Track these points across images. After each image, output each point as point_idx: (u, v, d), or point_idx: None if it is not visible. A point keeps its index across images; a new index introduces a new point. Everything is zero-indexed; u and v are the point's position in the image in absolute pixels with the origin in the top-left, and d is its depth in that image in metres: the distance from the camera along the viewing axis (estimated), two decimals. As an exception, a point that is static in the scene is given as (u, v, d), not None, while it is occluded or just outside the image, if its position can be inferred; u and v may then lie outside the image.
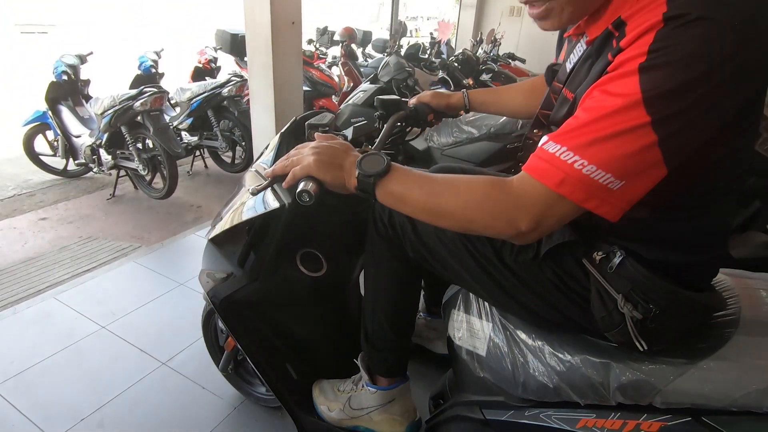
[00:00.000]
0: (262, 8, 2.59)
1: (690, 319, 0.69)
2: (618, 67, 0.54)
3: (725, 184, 0.63)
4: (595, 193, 0.55)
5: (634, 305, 0.66)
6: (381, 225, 0.92)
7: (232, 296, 1.06)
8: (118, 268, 2.31)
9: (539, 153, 0.59)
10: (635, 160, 0.53)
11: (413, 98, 1.17)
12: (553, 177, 0.56)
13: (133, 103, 2.93)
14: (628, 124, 0.52)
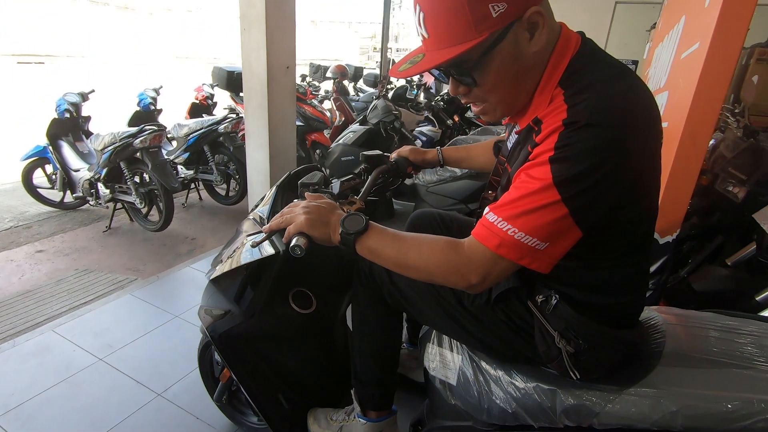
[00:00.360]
0: (258, 54, 2.78)
1: (615, 352, 0.81)
2: (536, 157, 0.70)
3: (634, 239, 0.77)
4: (526, 253, 0.70)
5: (567, 341, 0.79)
6: (363, 275, 1.07)
7: (230, 332, 1.16)
8: (115, 300, 2.39)
9: (483, 221, 0.74)
10: (554, 227, 0.68)
11: (394, 153, 1.32)
12: (492, 241, 0.71)
13: (133, 141, 3.07)
14: (545, 201, 0.67)
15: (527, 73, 0.75)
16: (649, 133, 0.70)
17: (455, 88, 0.81)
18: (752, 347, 0.82)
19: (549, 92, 0.74)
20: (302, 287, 1.17)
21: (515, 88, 0.77)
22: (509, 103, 0.79)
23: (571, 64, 0.73)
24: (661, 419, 0.74)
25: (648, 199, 0.76)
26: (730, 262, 2.09)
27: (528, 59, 0.74)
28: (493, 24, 0.68)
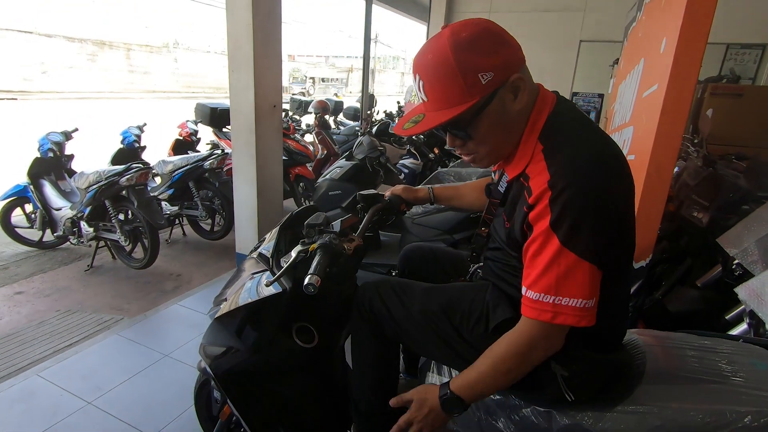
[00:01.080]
0: (246, 94, 2.88)
1: (604, 374, 0.89)
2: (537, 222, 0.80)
3: (618, 271, 0.86)
4: (584, 314, 0.79)
5: (562, 366, 0.86)
6: (364, 310, 1.11)
7: (234, 368, 1.19)
8: (102, 341, 2.35)
9: (529, 301, 0.82)
10: (590, 279, 0.78)
11: (388, 192, 1.41)
12: (546, 316, 0.80)
13: (119, 179, 3.08)
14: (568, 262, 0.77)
15: (512, 127, 0.88)
16: (621, 177, 0.82)
17: (452, 142, 0.93)
18: (724, 364, 0.91)
19: (531, 145, 0.86)
20: (305, 322, 1.22)
21: (502, 141, 0.90)
22: (497, 153, 0.92)
23: (548, 121, 0.86)
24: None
25: (629, 233, 0.86)
26: (699, 283, 2.22)
27: (512, 116, 0.87)
28: (482, 89, 0.82)
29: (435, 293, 1.06)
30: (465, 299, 1.01)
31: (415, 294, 1.07)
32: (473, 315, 0.98)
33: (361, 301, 1.13)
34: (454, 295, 1.04)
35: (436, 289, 1.08)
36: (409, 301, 1.06)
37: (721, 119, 3.65)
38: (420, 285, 1.11)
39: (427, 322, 1.02)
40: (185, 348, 2.31)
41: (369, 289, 1.12)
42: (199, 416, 1.62)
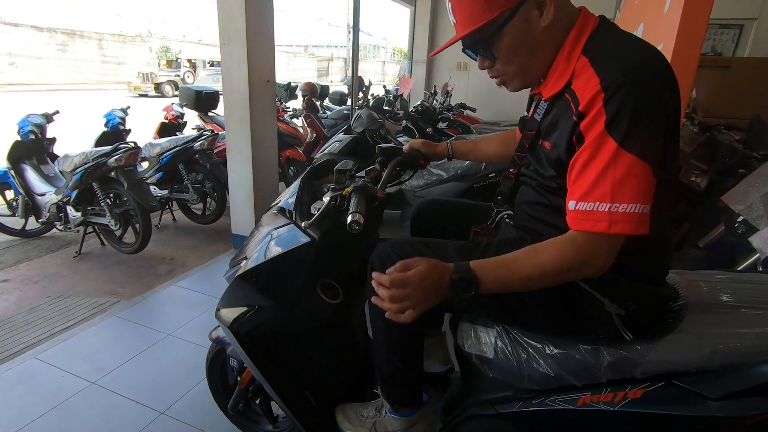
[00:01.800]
0: (239, 69, 2.79)
1: (657, 308, 0.88)
2: (591, 131, 0.76)
3: (665, 202, 0.84)
4: (640, 221, 0.75)
5: (617, 305, 0.84)
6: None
7: (258, 327, 1.15)
8: (100, 323, 2.27)
9: (579, 216, 0.78)
10: (645, 183, 0.74)
11: (407, 145, 1.37)
12: (602, 225, 0.75)
13: (107, 160, 2.96)
14: (627, 164, 0.74)
15: (539, 47, 0.86)
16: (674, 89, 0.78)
17: (481, 63, 0.93)
18: (757, 293, 0.91)
19: (573, 60, 0.83)
20: (329, 278, 1.18)
21: (529, 61, 0.88)
22: (525, 73, 0.90)
23: (593, 36, 0.83)
24: (700, 360, 0.80)
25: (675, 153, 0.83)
26: (701, 244, 2.26)
27: (539, 34, 0.85)
28: (503, 4, 0.82)
29: (474, 251, 0.97)
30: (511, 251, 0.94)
31: (450, 255, 0.97)
32: None
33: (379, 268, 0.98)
34: (497, 251, 0.94)
35: (473, 247, 0.99)
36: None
37: (709, 92, 3.70)
38: (449, 243, 1.02)
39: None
40: (188, 327, 2.24)
41: (387, 254, 1.00)
42: (212, 388, 1.57)
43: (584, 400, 0.89)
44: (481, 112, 5.74)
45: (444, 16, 6.69)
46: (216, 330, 1.46)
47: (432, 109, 4.11)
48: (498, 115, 6.00)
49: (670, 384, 0.82)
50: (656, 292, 0.88)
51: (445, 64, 6.72)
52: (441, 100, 5.06)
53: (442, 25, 6.72)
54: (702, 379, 0.80)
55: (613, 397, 0.86)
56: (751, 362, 0.78)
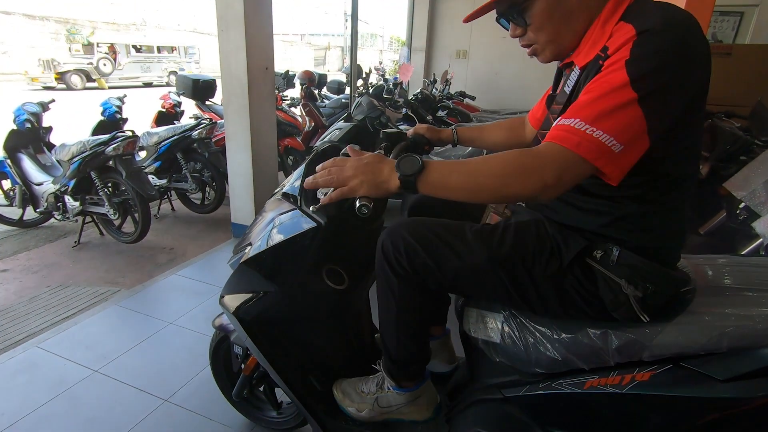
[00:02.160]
0: (238, 56, 2.75)
1: (673, 291, 0.87)
2: (610, 66, 0.75)
3: (683, 176, 0.83)
4: (603, 153, 0.73)
5: (635, 286, 0.84)
6: (399, 267, 0.97)
7: (263, 314, 1.15)
8: (101, 312, 2.27)
9: (557, 127, 0.77)
10: (630, 129, 0.72)
11: (411, 130, 1.36)
12: (572, 140, 0.74)
13: (105, 149, 2.93)
14: (622, 100, 0.72)
15: (572, 14, 0.85)
16: (706, 58, 0.76)
17: (514, 31, 0.92)
18: (763, 277, 0.91)
19: (610, 27, 0.81)
20: (334, 264, 1.17)
21: (561, 28, 0.87)
22: (557, 42, 0.89)
23: (632, 6, 0.81)
24: (708, 342, 0.80)
25: (699, 120, 0.82)
26: (702, 231, 2.27)
27: (573, 2, 0.84)
28: None
29: (494, 234, 0.94)
30: (528, 236, 0.93)
31: (468, 238, 0.94)
32: (544, 252, 0.90)
33: (392, 254, 0.97)
34: (516, 234, 0.94)
35: (492, 230, 0.96)
36: (466, 248, 0.93)
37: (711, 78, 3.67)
38: (467, 225, 0.98)
39: (497, 270, 0.91)
40: (190, 315, 2.24)
41: (401, 237, 0.96)
42: (216, 375, 1.58)
43: (591, 383, 0.90)
44: (480, 100, 5.70)
45: (444, 1, 6.62)
46: (220, 317, 1.46)
47: (432, 97, 4.08)
48: (498, 103, 5.96)
49: (678, 366, 0.82)
50: (672, 275, 0.87)
51: (444, 52, 6.66)
52: (440, 88, 5.02)
53: (441, 11, 6.64)
54: (710, 362, 0.80)
55: (621, 380, 0.86)
56: (758, 344, 0.78)
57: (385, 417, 1.16)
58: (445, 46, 6.62)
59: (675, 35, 0.72)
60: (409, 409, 1.14)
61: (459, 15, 6.48)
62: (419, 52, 6.64)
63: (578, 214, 0.91)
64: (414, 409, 1.14)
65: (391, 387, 1.15)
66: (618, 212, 0.86)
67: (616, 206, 0.86)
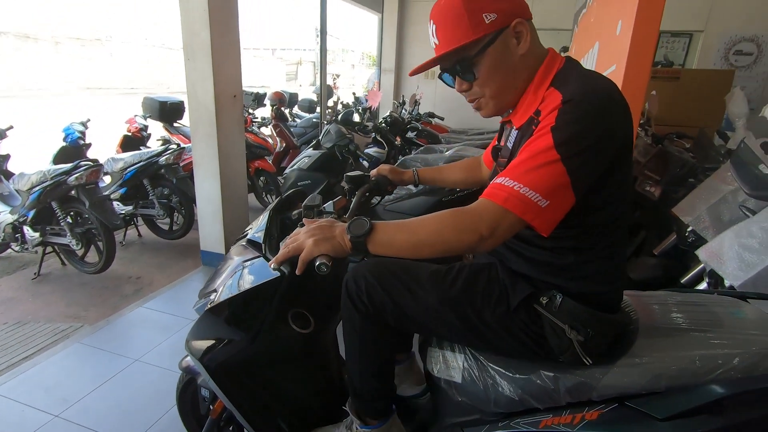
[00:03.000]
0: (205, 84, 2.75)
1: (613, 334, 0.94)
2: (539, 131, 0.83)
3: (614, 225, 0.91)
4: (530, 208, 0.80)
5: (577, 331, 0.90)
6: (360, 303, 1.02)
7: (230, 360, 1.15)
8: (62, 351, 2.19)
9: (491, 185, 0.85)
10: (554, 185, 0.80)
11: (374, 171, 1.40)
12: (500, 196, 0.82)
13: (67, 178, 2.86)
14: (546, 160, 0.80)
15: (515, 72, 0.94)
16: (627, 116, 0.86)
17: (459, 85, 0.99)
18: (707, 314, 0.99)
19: (542, 92, 0.90)
20: (300, 308, 1.19)
21: (505, 85, 0.95)
22: (501, 97, 0.97)
23: (561, 72, 0.91)
24: (648, 383, 0.86)
25: (626, 177, 0.90)
26: (656, 252, 2.39)
27: (516, 61, 0.93)
28: (486, 28, 0.90)
29: (447, 276, 1.01)
30: (479, 280, 0.99)
31: (423, 279, 1.01)
32: (492, 295, 0.97)
33: (354, 291, 1.03)
34: (468, 277, 1.00)
35: (446, 272, 1.02)
36: (419, 288, 0.99)
37: (660, 101, 3.91)
38: (423, 267, 1.04)
39: (447, 311, 0.98)
40: (157, 351, 2.20)
41: (362, 276, 1.03)
42: (183, 417, 1.55)
43: (546, 422, 0.94)
44: (449, 120, 5.84)
45: (412, 24, 6.79)
46: (186, 359, 1.44)
47: (401, 120, 4.16)
48: (466, 123, 6.12)
49: (623, 405, 0.88)
50: (611, 319, 0.94)
51: (413, 73, 6.80)
52: (409, 110, 5.12)
53: (410, 34, 6.81)
54: (651, 401, 0.86)
55: (572, 419, 0.91)
56: (694, 384, 0.85)
57: None
58: (413, 67, 6.76)
59: (595, 105, 0.81)
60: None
61: (426, 38, 6.62)
62: (389, 73, 6.77)
63: (525, 263, 0.97)
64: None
65: (358, 426, 1.18)
66: (559, 262, 0.93)
67: (556, 256, 0.93)
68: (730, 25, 5.59)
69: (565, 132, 0.80)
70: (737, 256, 1.47)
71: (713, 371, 0.84)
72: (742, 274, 1.44)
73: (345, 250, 0.89)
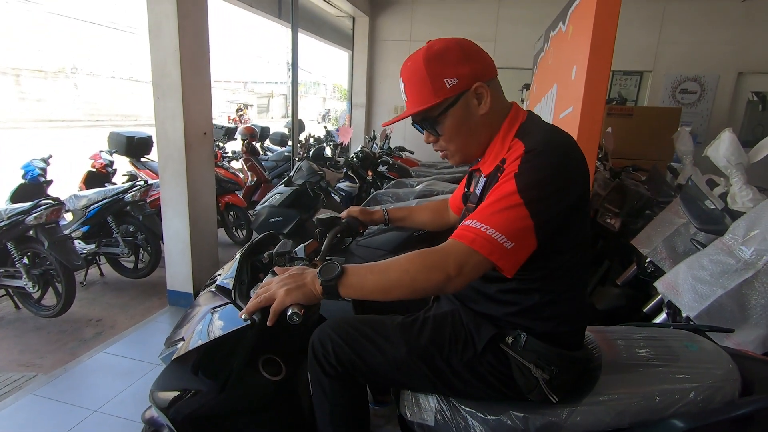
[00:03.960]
0: (174, 122, 2.75)
1: (578, 371, 0.97)
2: (503, 177, 0.90)
3: (575, 267, 0.95)
4: (496, 248, 0.85)
5: (542, 369, 0.92)
6: (327, 365, 1.02)
7: (196, 412, 1.11)
8: (13, 404, 2.05)
9: (460, 227, 0.90)
10: (518, 228, 0.85)
11: (345, 213, 1.42)
12: (468, 237, 0.86)
13: (25, 218, 2.75)
14: (510, 204, 0.86)
15: (477, 129, 1.01)
16: (583, 166, 0.92)
17: (427, 138, 1.07)
18: (664, 348, 1.03)
19: (507, 142, 0.97)
20: (271, 354, 1.17)
21: (469, 140, 1.02)
22: (465, 151, 1.04)
23: (524, 125, 0.98)
24: (613, 420, 0.89)
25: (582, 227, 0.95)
26: (619, 282, 2.48)
27: (478, 119, 0.99)
28: (447, 92, 0.96)
29: (413, 327, 1.03)
30: (445, 327, 1.01)
31: (389, 333, 1.02)
32: (459, 341, 0.99)
33: (321, 354, 1.03)
34: (433, 326, 1.02)
35: (411, 323, 1.05)
36: (387, 343, 1.01)
37: (616, 136, 4.16)
38: (388, 321, 1.06)
39: (417, 361, 0.99)
40: (118, 399, 2.08)
41: (327, 337, 1.02)
42: (147, 473, 1.46)
43: (518, 464, 0.95)
44: (418, 154, 5.99)
45: (381, 61, 7.02)
46: (149, 410, 1.38)
47: (372, 154, 4.24)
48: (435, 156, 6.27)
49: (589, 444, 0.90)
50: (575, 356, 0.97)
51: (383, 108, 7.00)
52: (380, 144, 5.23)
53: (381, 71, 7.03)
54: (615, 439, 0.89)
55: (543, 460, 0.93)
56: (654, 419, 0.88)
57: None
58: (383, 102, 6.98)
59: (554, 156, 0.89)
60: None
61: (395, 75, 6.83)
62: (360, 108, 6.93)
63: (490, 303, 1.01)
64: None
65: None
66: (523, 303, 0.96)
67: (521, 297, 0.97)
68: (675, 65, 6.05)
69: (527, 178, 0.86)
70: (691, 288, 1.55)
71: (672, 406, 0.88)
72: (696, 305, 1.51)
73: (317, 296, 0.91)
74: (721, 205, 1.79)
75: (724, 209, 1.77)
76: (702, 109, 6.10)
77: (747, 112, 6.25)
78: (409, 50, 6.75)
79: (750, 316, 1.44)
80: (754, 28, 5.69)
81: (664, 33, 5.99)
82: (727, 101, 6.00)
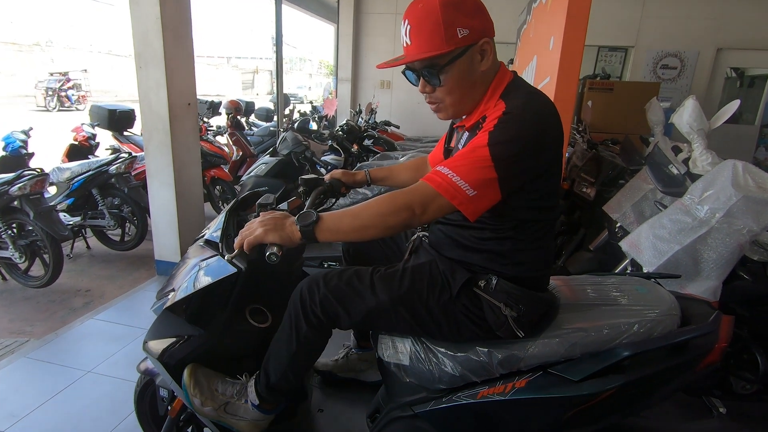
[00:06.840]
0: (158, 93, 2.74)
1: (542, 310, 1.06)
2: (480, 133, 0.97)
3: (543, 221, 1.05)
4: (459, 194, 0.93)
5: (511, 308, 1.02)
6: (312, 315, 1.08)
7: (189, 356, 1.19)
8: (7, 366, 2.11)
9: (432, 171, 0.97)
10: (482, 180, 0.93)
11: (328, 175, 1.48)
12: (435, 181, 0.95)
13: (8, 188, 2.76)
14: (479, 156, 0.93)
15: (475, 85, 1.05)
16: (558, 133, 1.00)
17: (423, 87, 1.07)
18: (615, 292, 1.14)
19: (493, 102, 1.03)
20: (257, 304, 1.25)
21: (466, 95, 1.06)
22: (459, 106, 1.08)
23: (509, 85, 1.04)
24: (566, 351, 0.99)
25: (553, 184, 1.03)
26: (592, 247, 2.61)
27: (477, 75, 1.04)
28: (458, 42, 0.99)
29: (394, 277, 1.09)
30: (423, 275, 1.09)
31: (369, 282, 1.08)
32: (436, 286, 1.07)
33: (308, 302, 1.08)
34: (412, 275, 1.09)
35: (392, 273, 1.11)
36: (371, 293, 1.07)
37: (597, 110, 4.25)
38: (369, 271, 1.12)
39: (397, 308, 1.07)
40: (111, 361, 2.16)
41: (317, 287, 1.08)
42: (142, 421, 1.56)
43: (483, 393, 1.06)
44: (404, 128, 6.02)
45: (367, 35, 6.94)
46: (144, 361, 1.46)
47: (357, 128, 4.27)
48: (421, 131, 6.32)
49: (546, 373, 1.01)
50: (540, 297, 1.07)
51: (369, 83, 6.97)
52: (366, 118, 5.25)
53: (366, 45, 6.96)
54: (568, 366, 1.00)
55: (504, 388, 1.03)
56: (602, 349, 0.99)
57: (220, 420, 1.20)
58: (370, 77, 6.94)
59: (530, 120, 0.96)
60: (247, 425, 1.20)
61: (381, 48, 6.83)
62: (346, 83, 6.89)
63: (465, 251, 1.09)
64: (251, 426, 1.21)
65: (252, 403, 1.20)
66: (495, 249, 1.05)
67: (493, 244, 1.05)
68: (657, 41, 6.12)
69: (499, 137, 0.93)
70: (652, 245, 1.66)
71: (618, 337, 0.98)
72: (655, 261, 1.63)
73: (294, 239, 0.99)
74: (684, 170, 1.90)
75: (686, 173, 1.88)
76: (681, 84, 6.21)
77: (725, 87, 6.39)
78: (395, 23, 6.72)
79: (702, 269, 1.56)
80: (734, 3, 5.77)
81: (647, 7, 6.03)
82: (706, 77, 6.12)
